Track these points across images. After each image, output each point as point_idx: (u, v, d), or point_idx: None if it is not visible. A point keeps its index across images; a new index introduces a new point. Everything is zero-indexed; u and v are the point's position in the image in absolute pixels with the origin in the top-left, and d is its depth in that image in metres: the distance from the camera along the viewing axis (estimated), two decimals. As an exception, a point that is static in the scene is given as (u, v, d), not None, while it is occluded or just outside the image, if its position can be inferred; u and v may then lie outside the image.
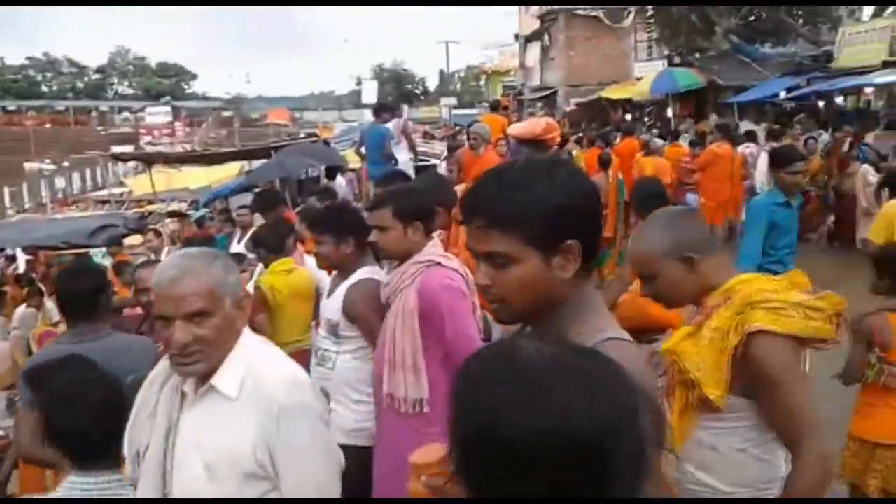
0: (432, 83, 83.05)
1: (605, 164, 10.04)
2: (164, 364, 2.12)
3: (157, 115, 65.51)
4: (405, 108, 31.85)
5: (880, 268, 3.79)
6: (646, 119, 26.51)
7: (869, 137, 12.61)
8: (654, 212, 2.49)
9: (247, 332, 2.12)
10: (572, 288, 1.56)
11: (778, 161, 5.30)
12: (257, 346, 2.13)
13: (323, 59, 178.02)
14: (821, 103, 17.40)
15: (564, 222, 1.53)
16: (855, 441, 3.61)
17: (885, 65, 14.43)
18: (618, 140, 13.55)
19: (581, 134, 18.07)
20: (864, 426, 3.62)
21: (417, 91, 78.46)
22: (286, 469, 1.97)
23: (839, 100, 17.83)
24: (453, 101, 53.77)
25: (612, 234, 8.36)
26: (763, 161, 10.55)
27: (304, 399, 2.06)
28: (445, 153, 13.79)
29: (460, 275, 3.22)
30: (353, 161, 13.83)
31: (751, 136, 13.22)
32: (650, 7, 26.81)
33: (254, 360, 2.05)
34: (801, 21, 25.21)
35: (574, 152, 11.98)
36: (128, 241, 11.78)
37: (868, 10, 23.29)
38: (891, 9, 16.51)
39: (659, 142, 12.40)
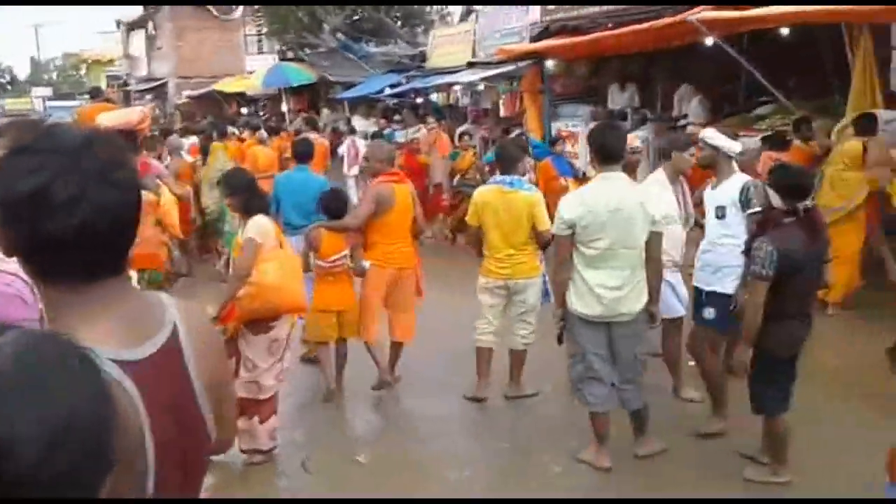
0: (22, 72, 73.83)
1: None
2: None
3: None
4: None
5: None
6: (260, 113, 26.42)
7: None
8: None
9: None
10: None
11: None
12: None
13: None
14: (419, 100, 18.85)
15: None
16: None
17: (469, 65, 16.09)
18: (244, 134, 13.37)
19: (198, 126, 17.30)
20: None
21: (2, 80, 69.08)
22: None
23: (433, 96, 19.52)
24: (48, 91, 49.00)
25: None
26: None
27: None
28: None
29: (22, 280, 2.76)
30: None
31: (352, 131, 15.13)
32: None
33: None
34: (399, 23, 27.14)
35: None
36: None
37: (456, 15, 25.87)
38: (472, 16, 18.45)
39: (265, 134, 13.55)
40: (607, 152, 4.33)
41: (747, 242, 4.24)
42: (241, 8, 31.74)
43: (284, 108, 23.25)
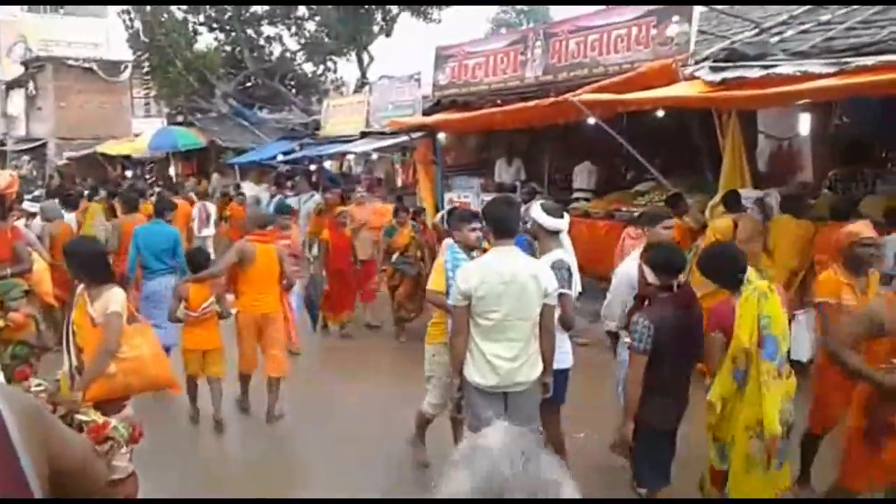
0: None
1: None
2: None
3: None
4: None
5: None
6: (147, 176, 25.71)
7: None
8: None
9: None
10: None
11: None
12: None
13: None
14: (312, 167, 18.81)
15: None
16: None
17: (363, 135, 16.25)
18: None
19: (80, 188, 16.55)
20: None
21: None
22: None
23: (327, 164, 19.52)
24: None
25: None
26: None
27: None
28: None
29: None
30: None
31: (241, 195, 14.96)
32: (146, 64, 26.21)
33: None
34: (293, 91, 27.24)
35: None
36: None
37: (351, 86, 26.19)
38: (366, 88, 18.70)
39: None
40: (503, 226, 4.39)
41: (625, 318, 4.36)
42: (128, 70, 31.06)
43: (172, 171, 22.72)
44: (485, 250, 4.94)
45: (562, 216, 5.01)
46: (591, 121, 9.55)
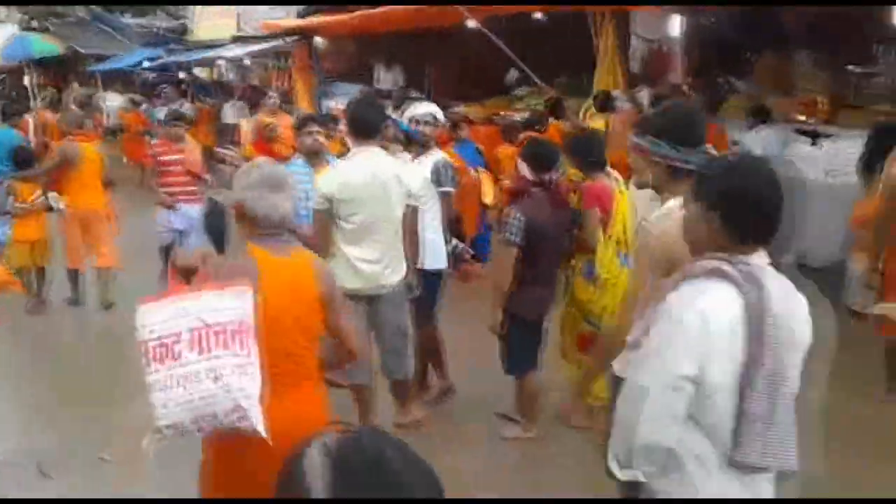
0: None
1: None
2: None
3: None
4: None
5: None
6: (0, 87, 23.80)
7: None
8: None
9: None
10: None
11: None
12: None
13: None
14: (182, 74, 17.86)
15: None
16: None
17: (234, 39, 15.47)
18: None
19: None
20: None
21: None
22: None
23: (197, 71, 18.55)
24: None
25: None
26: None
27: None
28: None
29: None
30: None
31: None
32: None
33: None
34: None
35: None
36: None
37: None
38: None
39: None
40: (364, 127, 4.30)
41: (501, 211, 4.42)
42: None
43: (27, 82, 21.05)
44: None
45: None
46: (472, 24, 9.43)
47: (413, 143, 5.07)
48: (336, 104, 12.48)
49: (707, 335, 1.90)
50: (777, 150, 7.67)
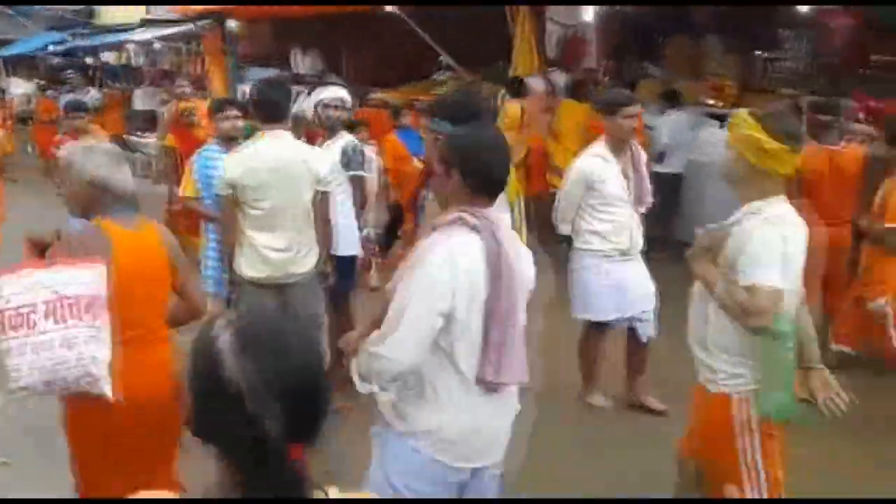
0: None
1: None
2: None
3: None
4: None
5: None
6: None
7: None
8: None
9: None
10: None
11: None
12: None
13: None
14: (89, 59, 17.14)
15: None
16: None
17: (144, 22, 14.90)
18: None
19: None
20: None
21: None
22: None
23: (105, 55, 17.83)
24: None
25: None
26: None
27: None
28: None
29: None
30: None
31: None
32: None
33: None
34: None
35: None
36: None
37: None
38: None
39: None
40: (270, 110, 4.16)
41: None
42: None
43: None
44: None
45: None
46: (389, 9, 9.31)
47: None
48: (251, 89, 12.18)
49: (455, 274, 2.22)
50: (687, 133, 7.84)
